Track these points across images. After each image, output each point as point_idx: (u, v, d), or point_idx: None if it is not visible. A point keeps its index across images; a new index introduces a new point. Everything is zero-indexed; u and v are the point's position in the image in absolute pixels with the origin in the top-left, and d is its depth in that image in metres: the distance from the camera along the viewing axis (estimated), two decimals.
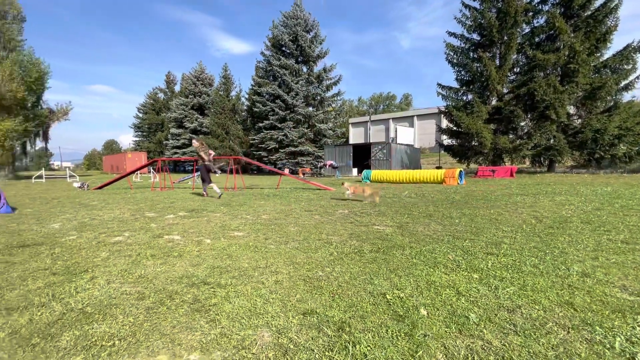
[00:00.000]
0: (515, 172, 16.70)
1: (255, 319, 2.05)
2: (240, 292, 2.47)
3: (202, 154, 9.54)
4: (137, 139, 58.36)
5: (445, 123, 25.63)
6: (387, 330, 1.89)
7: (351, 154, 25.05)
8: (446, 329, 1.89)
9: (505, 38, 19.81)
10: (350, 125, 53.05)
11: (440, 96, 22.50)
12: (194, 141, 9.90)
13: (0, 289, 2.56)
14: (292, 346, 1.75)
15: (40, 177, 23.08)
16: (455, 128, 21.76)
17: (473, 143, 20.62)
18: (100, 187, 13.42)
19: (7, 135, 24.87)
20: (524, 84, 18.84)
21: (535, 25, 20.06)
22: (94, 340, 1.82)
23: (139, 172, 25.10)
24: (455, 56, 21.88)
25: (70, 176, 24.74)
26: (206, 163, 9.64)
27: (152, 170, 26.94)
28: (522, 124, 20.44)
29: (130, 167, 34.73)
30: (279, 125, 29.19)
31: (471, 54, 21.50)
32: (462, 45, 21.81)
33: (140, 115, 57.07)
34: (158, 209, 7.11)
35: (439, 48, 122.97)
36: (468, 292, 2.40)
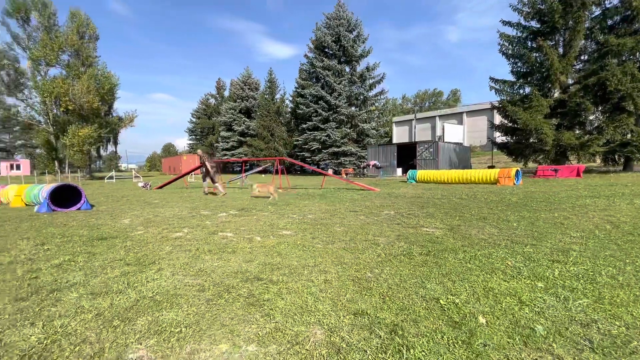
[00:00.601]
0: (582, 172, 15.02)
1: (307, 316, 2.10)
2: (292, 289, 2.55)
3: (207, 163, 11.10)
4: (191, 142, 62.80)
5: (498, 119, 23.90)
6: (442, 337, 1.82)
7: (395, 154, 24.46)
8: (509, 340, 1.77)
9: (571, 23, 17.87)
10: (393, 124, 51.79)
11: (493, 90, 21.01)
12: (198, 151, 11.79)
13: (86, 276, 2.92)
14: (344, 345, 1.77)
15: (111, 177, 25.89)
16: (510, 124, 20.17)
17: (531, 140, 18.93)
18: (160, 187, 14.69)
19: (85, 141, 28.31)
20: (593, 72, 16.84)
21: (608, 6, 17.84)
22: (164, 326, 2.01)
23: (193, 173, 27.01)
24: (510, 47, 20.28)
25: (135, 177, 27.38)
26: (210, 168, 11.07)
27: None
28: (591, 117, 18.31)
29: (185, 168, 37.46)
30: (322, 126, 29.48)
31: (529, 43, 19.77)
32: (519, 34, 20.14)
33: (194, 120, 61.33)
34: (211, 207, 7.58)
35: (491, 39, 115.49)
36: (532, 302, 2.22)
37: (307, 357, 1.68)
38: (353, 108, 30.75)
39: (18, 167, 46.02)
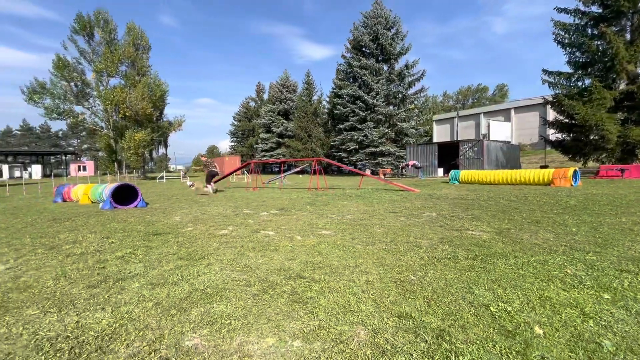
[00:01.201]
0: None
1: (350, 316, 2.11)
2: (334, 288, 2.57)
3: (209, 166, 12.61)
4: (233, 144, 65.58)
5: (552, 115, 22.04)
6: (494, 345, 1.73)
7: (436, 153, 23.53)
8: (570, 354, 1.64)
9: None
10: (434, 123, 49.83)
11: (547, 84, 19.37)
12: (202, 157, 13.44)
13: (145, 268, 3.20)
14: (389, 347, 1.76)
15: (162, 178, 27.92)
16: (566, 120, 18.47)
17: (592, 137, 17.17)
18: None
19: (139, 144, 30.82)
20: None
21: None
22: (215, 317, 2.14)
23: (235, 173, 28.23)
24: (566, 35, 18.58)
25: (183, 177, 29.24)
26: (211, 171, 12.52)
27: (245, 171, 29.97)
28: None
29: (227, 169, 39.26)
30: (359, 126, 29.23)
31: (589, 31, 17.98)
32: (577, 21, 18.38)
33: (235, 122, 63.99)
34: (253, 206, 7.88)
35: (543, 29, 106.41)
36: (597, 314, 2.03)
37: (352, 356, 1.69)
38: (391, 107, 30.10)
39: (84, 169, 51.34)
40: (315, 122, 37.84)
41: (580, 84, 18.58)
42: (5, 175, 37.51)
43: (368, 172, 24.63)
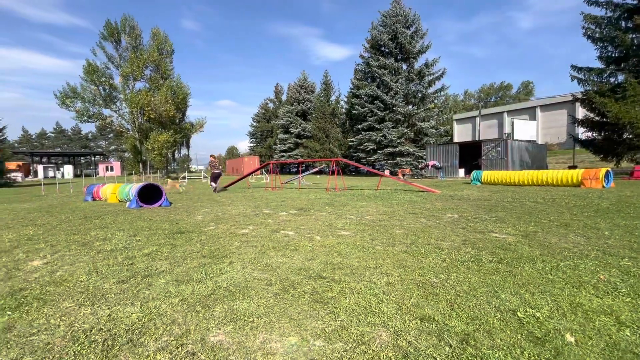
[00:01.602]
0: None
1: (371, 317, 2.10)
2: (354, 289, 2.57)
3: (214, 167, 14.09)
4: (252, 144, 66.67)
5: (581, 113, 21.04)
6: (522, 352, 1.68)
7: (457, 153, 22.98)
8: None
9: None
10: (454, 122, 48.65)
11: (576, 80, 18.55)
12: (211, 159, 14.62)
13: (170, 265, 3.31)
14: (412, 350, 1.74)
15: (184, 178, 28.75)
16: (597, 118, 17.59)
17: (626, 136, 16.26)
18: (226, 187, 15.87)
19: (163, 145, 31.89)
20: None
21: None
22: (238, 315, 2.18)
23: (254, 173, 28.69)
24: (597, 29, 17.71)
25: (204, 177, 29.97)
26: (214, 172, 13.93)
27: (264, 172, 30.38)
28: None
29: (247, 169, 39.91)
30: (378, 126, 28.97)
31: (622, 24, 17.05)
32: (609, 14, 17.47)
33: (254, 123, 65.01)
34: (272, 206, 7.97)
35: (571, 23, 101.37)
36: (634, 323, 1.93)
37: (374, 358, 1.69)
38: (410, 107, 29.64)
39: (112, 169, 53.68)
40: (333, 122, 37.85)
41: (612, 80, 17.67)
42: (41, 175, 39.77)
43: (387, 172, 24.37)
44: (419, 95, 29.59)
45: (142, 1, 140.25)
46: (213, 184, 13.82)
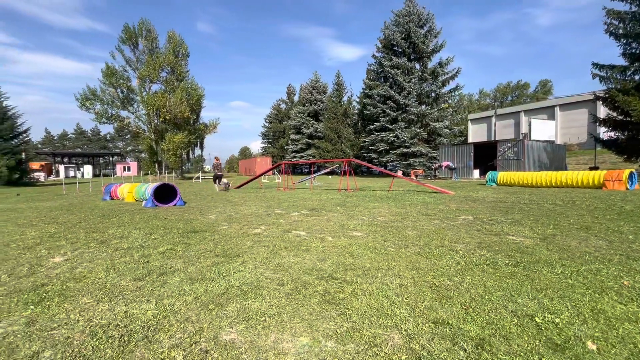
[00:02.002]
0: None
1: (383, 319, 2.08)
2: (366, 290, 2.55)
3: (217, 169, 15.43)
4: (264, 145, 67.16)
5: (604, 112, 20.30)
6: (540, 359, 1.63)
7: (472, 154, 22.53)
8: None
9: None
10: (469, 122, 47.73)
11: (597, 78, 17.84)
12: (215, 160, 15.97)
13: (184, 263, 3.36)
14: (425, 354, 1.71)
15: (198, 178, 29.24)
16: (620, 117, 16.91)
17: None
18: (239, 187, 16.06)
19: (178, 146, 32.53)
20: None
21: None
22: (250, 314, 2.20)
23: (266, 174, 28.92)
24: (621, 25, 17.01)
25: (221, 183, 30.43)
26: (217, 174, 15.17)
27: (276, 172, 30.56)
28: None
29: (259, 169, 40.26)
30: (390, 127, 28.72)
31: None
32: (634, 9, 16.77)
33: (267, 124, 65.49)
34: (284, 206, 8.01)
35: (592, 20, 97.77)
36: None
37: None
38: (424, 107, 29.26)
39: (129, 169, 55.08)
40: (345, 123, 37.75)
41: (637, 77, 16.93)
42: (62, 174, 41.21)
43: (399, 173, 24.14)
44: (433, 95, 29.19)
45: (158, 5, 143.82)
46: (216, 185, 14.82)
